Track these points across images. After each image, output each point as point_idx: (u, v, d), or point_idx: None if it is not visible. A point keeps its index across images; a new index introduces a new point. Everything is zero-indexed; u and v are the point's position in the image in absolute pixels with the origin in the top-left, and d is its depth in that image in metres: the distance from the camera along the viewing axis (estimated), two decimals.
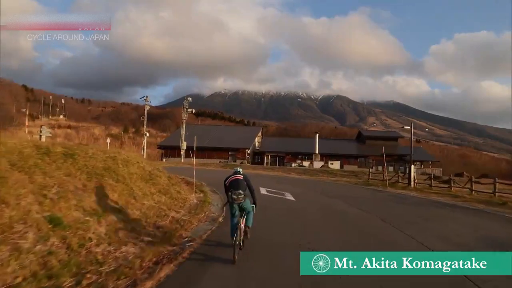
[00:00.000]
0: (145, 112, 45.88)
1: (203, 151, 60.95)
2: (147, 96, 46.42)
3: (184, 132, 52.06)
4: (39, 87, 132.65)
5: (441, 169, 62.46)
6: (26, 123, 61.21)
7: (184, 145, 50.44)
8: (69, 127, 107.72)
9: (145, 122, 46.42)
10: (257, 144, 69.11)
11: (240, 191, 6.25)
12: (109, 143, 42.63)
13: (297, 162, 60.92)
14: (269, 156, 64.63)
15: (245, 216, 6.46)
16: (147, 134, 45.54)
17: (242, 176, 6.66)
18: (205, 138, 63.42)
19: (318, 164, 56.13)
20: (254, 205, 6.75)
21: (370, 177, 25.73)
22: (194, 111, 68.98)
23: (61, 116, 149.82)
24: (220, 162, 53.25)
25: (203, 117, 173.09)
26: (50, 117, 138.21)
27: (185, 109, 50.90)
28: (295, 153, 63.67)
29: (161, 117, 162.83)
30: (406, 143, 63.80)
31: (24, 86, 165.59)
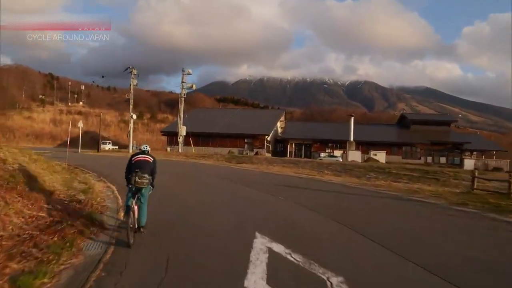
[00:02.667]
0: (131, 88, 34.94)
1: (214, 139, 49.76)
2: (131, 68, 35.37)
3: (182, 114, 41.01)
4: (68, 75, 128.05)
5: (508, 160, 48.77)
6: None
7: (182, 131, 39.52)
8: (79, 113, 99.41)
9: (131, 101, 35.54)
10: (279, 130, 57.30)
11: (147, 175, 5.75)
12: (82, 127, 32.68)
13: (326, 151, 48.76)
14: (293, 145, 52.66)
15: (139, 205, 5.74)
16: (134, 117, 34.76)
17: (151, 159, 6.11)
18: (217, 124, 52.13)
19: (353, 154, 43.77)
20: (152, 188, 6.13)
21: (475, 186, 13.57)
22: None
23: (80, 103, 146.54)
24: (229, 152, 41.87)
25: (226, 103, 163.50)
26: (70, 103, 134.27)
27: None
28: (324, 141, 51.36)
29: (184, 103, 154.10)
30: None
31: (50, 74, 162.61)
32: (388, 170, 20.07)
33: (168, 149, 50.73)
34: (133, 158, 6.10)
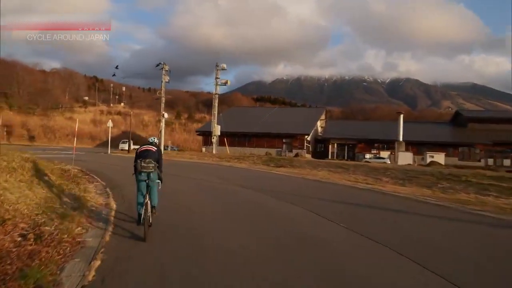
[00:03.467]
0: (162, 85, 32.53)
1: (250, 139, 46.83)
2: (163, 63, 32.89)
3: (216, 113, 38.29)
4: (111, 78, 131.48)
5: None
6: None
7: (216, 130, 36.80)
8: (118, 113, 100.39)
9: (163, 99, 33.12)
10: (319, 129, 53.43)
11: (150, 159, 6.02)
12: (111, 127, 30.83)
13: (372, 152, 44.34)
14: (335, 145, 48.67)
15: (149, 193, 6.02)
16: (165, 115, 32.41)
17: (155, 148, 6.41)
18: (254, 123, 49.17)
19: (404, 156, 39.16)
20: (160, 181, 6.38)
21: None
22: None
23: (122, 104, 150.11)
24: (267, 153, 38.68)
25: (263, 103, 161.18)
26: (112, 104, 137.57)
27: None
28: (369, 141, 46.92)
29: (220, 103, 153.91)
30: None
31: (95, 77, 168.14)
32: (465, 178, 15.95)
33: (203, 149, 48.39)
34: (138, 150, 6.42)
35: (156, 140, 6.71)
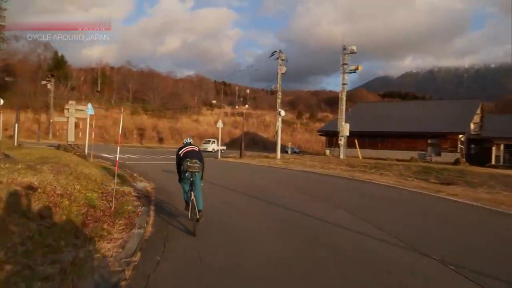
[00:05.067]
0: (278, 78, 27.10)
1: (383, 139, 38.52)
2: (279, 51, 27.45)
3: (344, 108, 31.19)
4: (238, 82, 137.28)
5: None
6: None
7: (344, 130, 29.92)
8: (241, 115, 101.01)
9: (279, 94, 27.56)
10: (472, 127, 41.49)
11: (197, 160, 6.09)
12: (221, 127, 26.76)
13: None
14: (501, 147, 36.66)
15: (195, 195, 6.02)
16: (282, 113, 26.90)
17: (198, 148, 6.54)
18: (387, 121, 40.61)
19: None
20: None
21: None
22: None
23: (246, 106, 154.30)
24: (412, 158, 30.08)
25: (391, 99, 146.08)
26: (236, 106, 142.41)
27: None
28: None
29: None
30: None
31: (223, 82, 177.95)
32: None
33: (327, 152, 41.92)
34: (180, 152, 6.46)
35: (190, 140, 6.78)
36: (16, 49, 72.86)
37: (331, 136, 41.72)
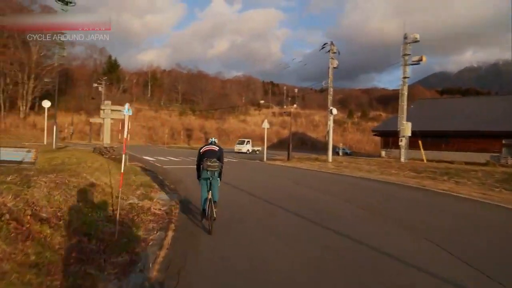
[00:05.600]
0: (329, 73, 24.35)
1: (447, 140, 34.46)
2: (330, 43, 24.70)
3: (405, 104, 27.77)
4: (286, 82, 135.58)
5: None
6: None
7: (406, 129, 26.58)
8: (288, 114, 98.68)
9: (330, 90, 24.80)
10: None
11: (215, 159, 6.24)
12: (267, 128, 24.66)
13: None
14: None
15: (212, 193, 6.16)
16: (334, 111, 24.08)
17: (217, 148, 6.59)
18: (451, 119, 36.28)
19: None
20: (219, 179, 6.53)
21: None
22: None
23: (295, 105, 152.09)
24: (489, 162, 26.07)
25: (450, 95, 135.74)
26: (285, 106, 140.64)
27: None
28: None
29: (396, 98, 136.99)
30: None
31: (271, 82, 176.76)
32: None
33: (383, 153, 38.47)
34: (201, 150, 6.59)
35: (215, 140, 6.84)
36: (74, 55, 76.72)
37: (387, 136, 38.16)
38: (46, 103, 25.27)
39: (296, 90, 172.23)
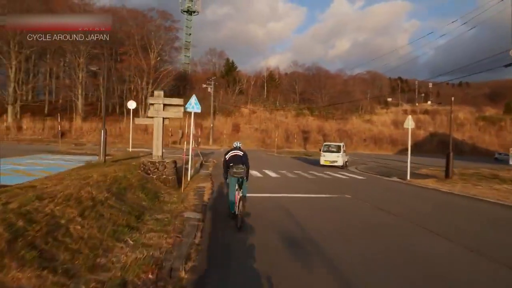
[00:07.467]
0: None
1: None
2: None
3: None
4: (416, 77, 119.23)
5: None
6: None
7: None
8: (425, 112, 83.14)
9: None
10: None
11: (241, 165, 6.55)
12: (411, 128, 15.54)
13: None
14: None
15: (241, 192, 6.41)
16: None
17: (242, 153, 6.82)
18: None
19: None
20: (246, 179, 6.74)
21: None
22: None
23: (429, 102, 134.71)
24: None
25: None
26: (417, 103, 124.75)
27: None
28: None
29: None
30: None
31: (399, 78, 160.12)
32: None
33: None
34: (226, 156, 6.88)
35: (239, 145, 7.14)
36: (195, 60, 78.03)
37: None
38: (132, 104, 21.48)
39: (430, 85, 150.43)
